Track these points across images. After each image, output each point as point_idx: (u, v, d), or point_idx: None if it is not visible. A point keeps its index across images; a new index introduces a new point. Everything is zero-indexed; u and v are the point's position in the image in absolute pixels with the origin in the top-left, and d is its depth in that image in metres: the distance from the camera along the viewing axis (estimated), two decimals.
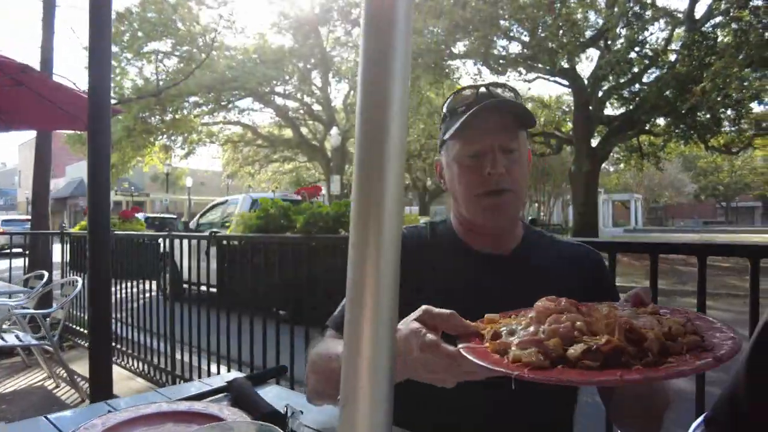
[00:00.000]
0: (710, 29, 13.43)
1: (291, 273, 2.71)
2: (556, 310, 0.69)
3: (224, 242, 3.16)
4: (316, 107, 21.81)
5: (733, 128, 15.10)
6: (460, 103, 1.12)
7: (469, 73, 17.72)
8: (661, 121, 15.84)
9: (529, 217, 29.76)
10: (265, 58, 18.32)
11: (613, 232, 31.30)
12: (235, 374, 1.38)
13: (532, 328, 0.67)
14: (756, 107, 14.03)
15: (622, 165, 22.03)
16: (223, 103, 19.02)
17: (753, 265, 1.49)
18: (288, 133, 22.97)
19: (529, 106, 18.99)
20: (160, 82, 14.89)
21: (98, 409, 1.17)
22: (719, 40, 12.83)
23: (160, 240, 4.24)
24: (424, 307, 0.77)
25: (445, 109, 1.17)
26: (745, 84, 11.29)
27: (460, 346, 0.68)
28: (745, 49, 11.30)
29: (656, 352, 0.59)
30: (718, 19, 13.35)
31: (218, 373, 3.41)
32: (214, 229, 3.23)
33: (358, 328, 0.44)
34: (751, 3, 12.16)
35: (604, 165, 19.74)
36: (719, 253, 1.68)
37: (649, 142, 18.03)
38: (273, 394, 1.31)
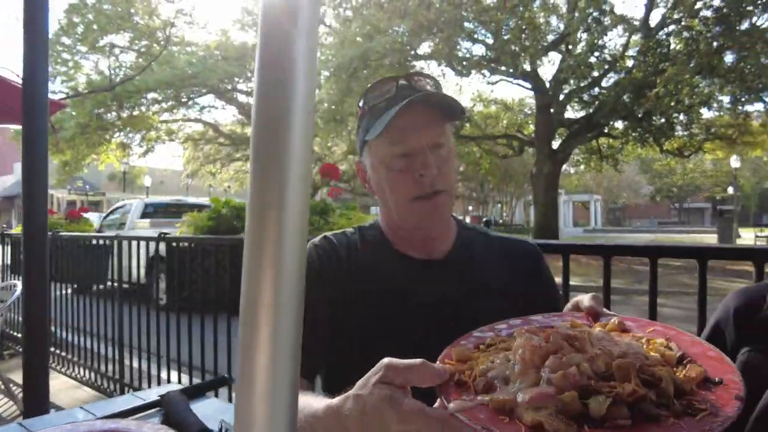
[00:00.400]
0: (664, 37, 13.95)
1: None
2: (551, 349, 0.59)
3: (174, 244, 3.04)
4: None
5: (685, 132, 15.76)
6: (380, 97, 1.03)
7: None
8: (619, 125, 16.35)
9: (485, 219, 30.31)
10: (228, 55, 17.95)
11: (573, 232, 32.16)
12: (169, 387, 1.29)
13: (531, 374, 0.57)
14: (706, 113, 14.66)
15: (582, 167, 22.66)
16: (183, 100, 18.53)
17: (701, 265, 1.51)
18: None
19: (492, 108, 19.24)
20: (117, 77, 14.36)
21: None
22: (672, 47, 13.34)
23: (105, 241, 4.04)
24: (385, 362, 0.63)
25: (362, 105, 1.07)
26: (696, 90, 11.77)
27: (451, 406, 0.56)
28: (695, 57, 11.78)
29: (674, 395, 0.53)
30: (672, 27, 13.88)
31: (168, 381, 3.27)
32: (163, 231, 3.09)
33: (252, 353, 0.37)
34: (701, 13, 12.69)
35: (564, 166, 20.24)
36: (669, 255, 1.69)
37: (607, 144, 18.61)
38: (211, 409, 1.23)
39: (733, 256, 1.74)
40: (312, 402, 0.72)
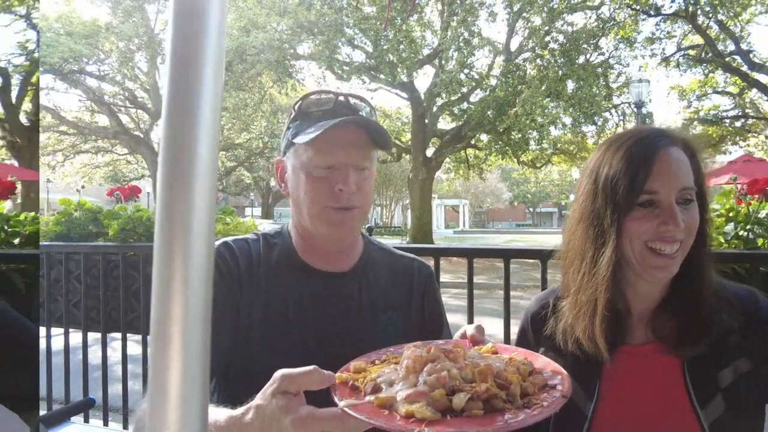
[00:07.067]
0: (521, 62, 15.61)
1: (100, 287, 2.39)
2: (430, 359, 0.74)
3: None
4: (141, 94, 19.63)
5: (537, 147, 17.81)
6: (316, 106, 1.07)
7: (313, 75, 17.82)
8: (484, 137, 17.91)
9: (367, 225, 31.00)
10: (73, 30, 15.71)
11: (444, 233, 34.37)
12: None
13: (411, 378, 0.71)
14: (553, 131, 16.70)
15: (452, 174, 24.34)
16: None
17: (542, 264, 1.83)
18: (103, 120, 20.14)
19: None
20: None
21: None
22: (528, 72, 14.99)
23: None
24: (280, 373, 0.70)
25: (297, 109, 1.10)
26: (546, 111, 13.40)
27: (342, 404, 0.68)
28: (545, 82, 13.41)
29: (519, 395, 0.70)
30: (527, 54, 15.59)
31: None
32: None
33: (165, 366, 0.36)
34: (549, 45, 14.48)
35: (437, 173, 21.56)
36: (518, 256, 2.00)
37: (474, 155, 20.30)
38: None
39: None
40: (212, 411, 0.75)
